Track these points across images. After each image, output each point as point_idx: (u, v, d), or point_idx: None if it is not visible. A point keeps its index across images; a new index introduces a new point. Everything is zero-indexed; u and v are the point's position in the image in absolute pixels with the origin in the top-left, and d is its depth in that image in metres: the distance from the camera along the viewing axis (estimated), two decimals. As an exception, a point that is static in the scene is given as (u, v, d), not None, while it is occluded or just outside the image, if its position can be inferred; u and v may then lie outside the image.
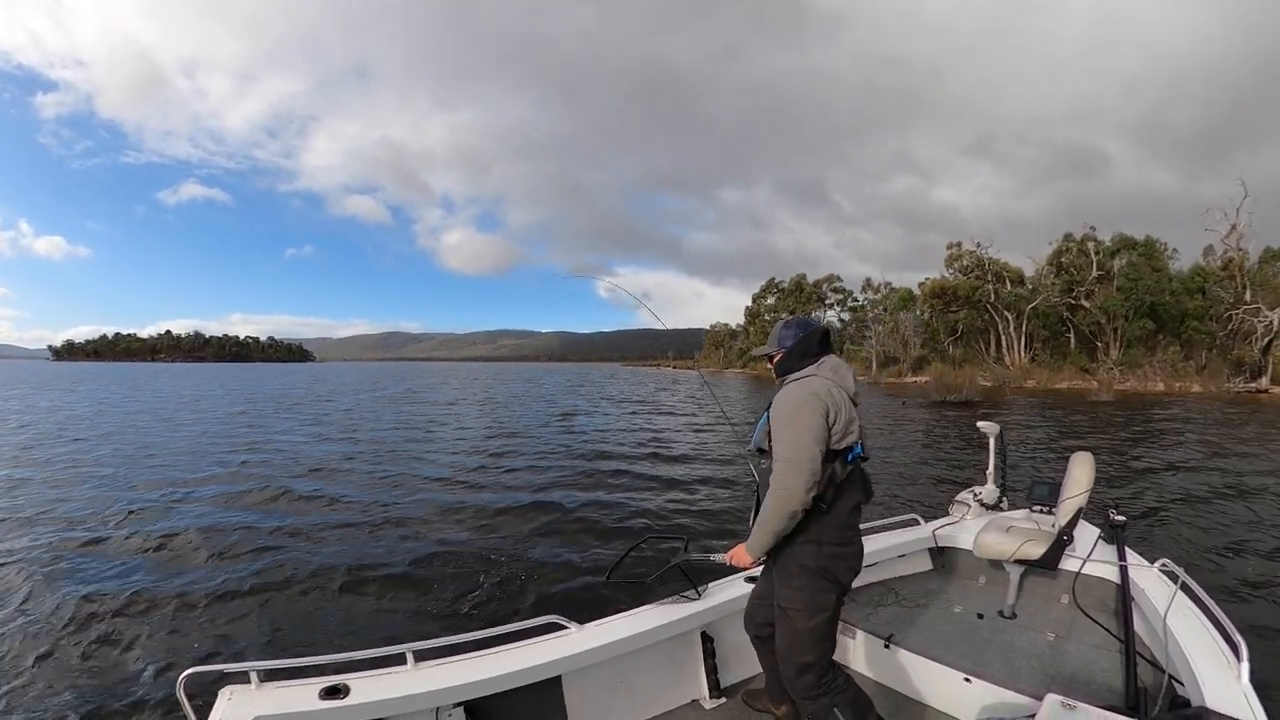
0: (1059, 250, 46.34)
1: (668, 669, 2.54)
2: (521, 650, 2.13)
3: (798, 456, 1.89)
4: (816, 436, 1.91)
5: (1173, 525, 6.72)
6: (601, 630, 2.28)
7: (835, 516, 2.00)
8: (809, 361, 2.09)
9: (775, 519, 1.94)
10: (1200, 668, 1.79)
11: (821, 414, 1.93)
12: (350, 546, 6.18)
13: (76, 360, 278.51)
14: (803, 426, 1.91)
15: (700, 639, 2.60)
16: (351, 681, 1.85)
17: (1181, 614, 2.12)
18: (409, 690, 1.85)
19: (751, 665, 2.74)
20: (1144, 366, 34.93)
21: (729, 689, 2.63)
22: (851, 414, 2.02)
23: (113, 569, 5.63)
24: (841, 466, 1.98)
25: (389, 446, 13.65)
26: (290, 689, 1.81)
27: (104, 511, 7.66)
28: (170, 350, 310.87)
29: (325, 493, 8.72)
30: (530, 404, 27.60)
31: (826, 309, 72.94)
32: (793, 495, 1.89)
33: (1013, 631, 2.70)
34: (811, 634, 2.00)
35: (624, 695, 2.40)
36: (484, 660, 2.05)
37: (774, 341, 2.21)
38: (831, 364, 2.09)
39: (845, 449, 1.99)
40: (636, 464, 11.10)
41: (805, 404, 1.94)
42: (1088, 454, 2.69)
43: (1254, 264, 37.38)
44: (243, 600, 4.84)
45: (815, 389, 1.97)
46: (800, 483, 1.88)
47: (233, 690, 1.77)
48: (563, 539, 6.43)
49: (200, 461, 11.54)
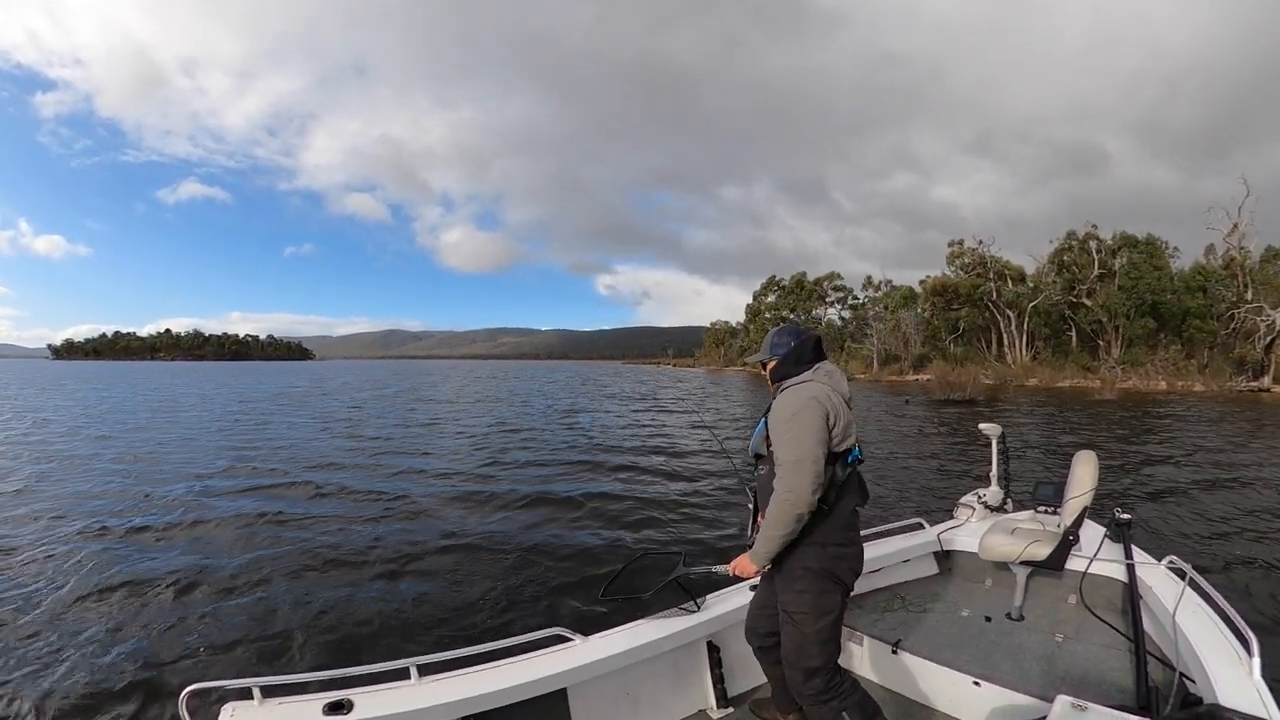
0: (1061, 248, 46.33)
1: (673, 680, 2.51)
2: (526, 663, 2.10)
3: (802, 458, 1.91)
4: (819, 438, 1.93)
5: (1180, 522, 6.72)
6: (606, 642, 2.26)
7: (837, 518, 2.02)
8: (804, 368, 2.12)
9: (782, 523, 1.94)
10: (1211, 665, 1.77)
11: (822, 417, 1.95)
12: (353, 560, 6.13)
13: (76, 359, 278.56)
14: (805, 429, 1.93)
15: (706, 649, 2.58)
16: (355, 697, 1.82)
17: (1190, 611, 2.10)
18: (413, 705, 1.82)
19: (759, 674, 2.71)
20: (1146, 365, 34.89)
21: (736, 699, 2.60)
22: (849, 417, 2.05)
23: (117, 570, 5.62)
24: (842, 469, 2.01)
25: (392, 446, 13.63)
26: (293, 705, 1.79)
27: (110, 510, 7.68)
28: (170, 349, 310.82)
29: (328, 498, 8.70)
30: (534, 401, 27.52)
31: (827, 307, 73.89)
32: (799, 497, 1.89)
33: (1020, 633, 2.67)
34: (818, 637, 2.01)
35: (630, 707, 2.37)
36: (488, 673, 2.03)
37: (767, 349, 2.24)
38: (826, 369, 2.13)
39: (844, 452, 2.02)
40: (641, 460, 11.06)
41: (806, 407, 1.96)
42: (1091, 453, 2.67)
43: (1255, 263, 37.37)
44: (244, 615, 4.80)
45: (815, 393, 2.00)
46: (806, 484, 1.89)
47: (235, 707, 1.75)
48: (568, 550, 6.38)
49: (203, 462, 11.52)
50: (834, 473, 1.99)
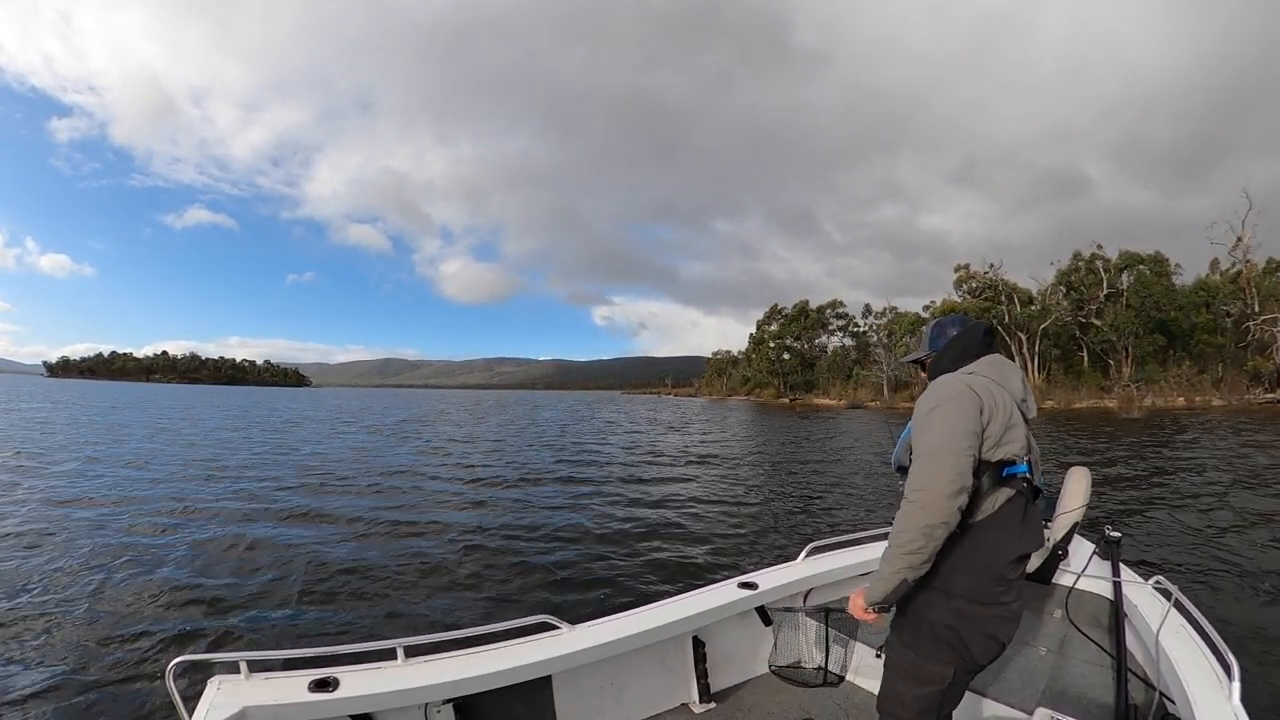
0: (1068, 269, 46.96)
1: (658, 672, 2.53)
2: (512, 649, 2.10)
3: (940, 448, 1.46)
4: (968, 429, 1.49)
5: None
6: (593, 631, 2.25)
7: (980, 554, 1.53)
8: (967, 363, 1.74)
9: (907, 537, 1.47)
10: (1192, 686, 1.75)
11: (974, 407, 1.53)
12: (345, 542, 6.33)
13: (71, 378, 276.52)
14: (952, 415, 1.51)
15: (691, 643, 2.58)
16: (341, 675, 1.83)
17: (1174, 632, 2.06)
18: (398, 685, 1.84)
19: (743, 671, 2.76)
20: (1160, 382, 34.91)
21: (719, 694, 2.62)
22: (1015, 420, 1.60)
23: (125, 556, 5.76)
24: (992, 482, 1.54)
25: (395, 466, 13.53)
26: (279, 680, 1.80)
27: (128, 512, 7.78)
28: (165, 371, 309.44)
29: (328, 495, 9.01)
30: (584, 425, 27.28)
31: (830, 335, 74.34)
32: (931, 499, 1.43)
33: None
34: (915, 702, 1.62)
35: (613, 697, 2.39)
36: (474, 658, 2.03)
37: (925, 342, 1.92)
38: (992, 362, 1.73)
39: (1000, 463, 1.55)
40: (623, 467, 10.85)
41: (957, 394, 1.56)
42: (1084, 469, 2.61)
43: (1258, 274, 37.72)
44: (235, 591, 4.91)
45: (969, 381, 1.61)
46: (943, 481, 1.42)
47: (221, 680, 1.76)
48: (556, 541, 6.59)
49: (208, 472, 11.68)
50: (980, 486, 1.52)
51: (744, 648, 2.78)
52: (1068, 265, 47.15)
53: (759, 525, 7.50)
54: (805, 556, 2.88)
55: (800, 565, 2.84)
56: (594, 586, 5.17)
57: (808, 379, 67.49)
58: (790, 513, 8.31)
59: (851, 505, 8.89)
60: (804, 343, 69.72)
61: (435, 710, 1.97)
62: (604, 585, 5.19)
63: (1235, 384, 31.65)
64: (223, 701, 1.66)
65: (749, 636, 2.78)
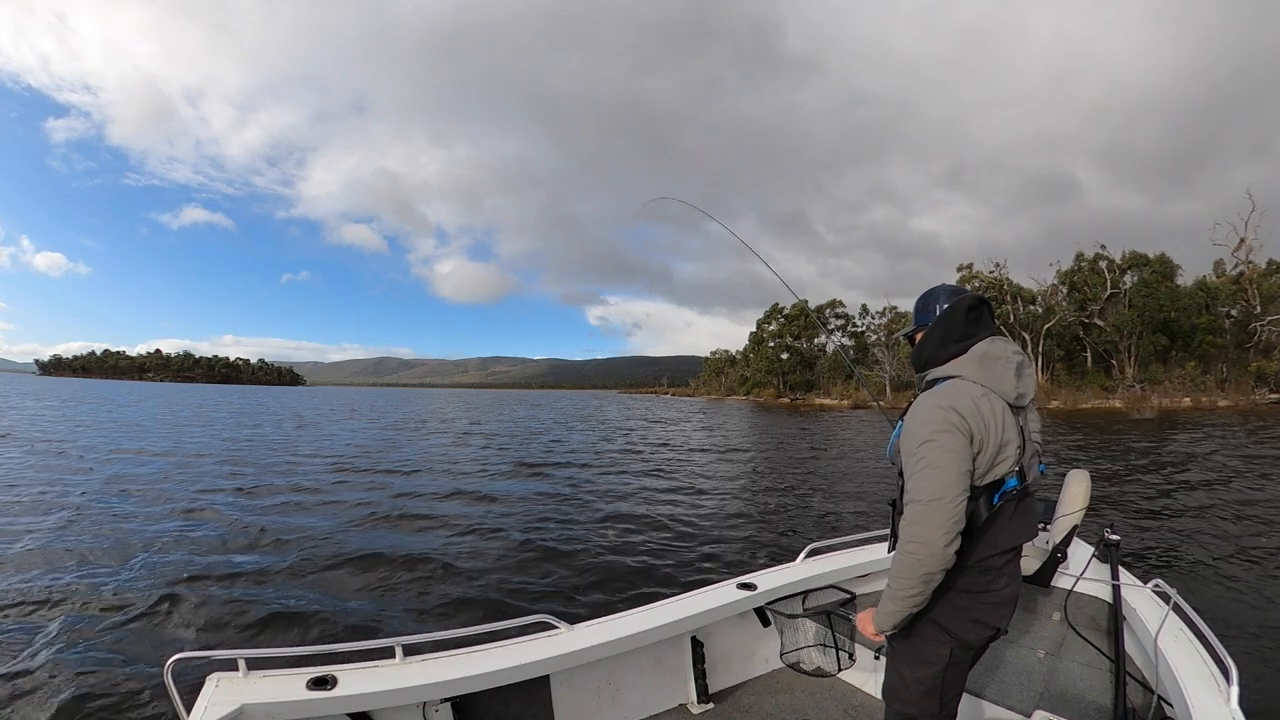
0: (1070, 270, 47.02)
1: (656, 673, 2.52)
2: (510, 648, 2.10)
3: (935, 499, 1.45)
4: (958, 473, 1.46)
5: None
6: (591, 631, 2.25)
7: (970, 554, 1.56)
8: (952, 350, 1.60)
9: (906, 584, 1.51)
10: (1190, 690, 1.75)
11: (964, 443, 1.47)
12: (345, 540, 6.32)
13: (63, 376, 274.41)
14: (940, 455, 1.46)
15: (690, 644, 2.57)
16: (339, 673, 1.83)
17: (1173, 635, 2.06)
18: (396, 684, 1.84)
19: (741, 671, 2.74)
20: (1164, 383, 34.96)
21: (717, 695, 2.61)
22: (1006, 435, 1.52)
23: (126, 553, 5.72)
24: (987, 506, 1.54)
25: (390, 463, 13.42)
26: (277, 678, 1.80)
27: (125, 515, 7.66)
28: (159, 369, 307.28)
29: (328, 493, 9.00)
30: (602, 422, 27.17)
31: (830, 334, 72.76)
32: (929, 552, 1.45)
33: (1003, 648, 2.61)
34: (917, 684, 1.66)
35: (611, 697, 2.39)
36: (472, 657, 2.03)
37: (914, 315, 1.79)
38: (983, 355, 1.57)
39: (993, 484, 1.53)
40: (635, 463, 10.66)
41: (945, 427, 1.47)
42: (1084, 472, 2.62)
43: (1259, 276, 37.93)
44: (231, 589, 4.88)
45: (957, 404, 1.50)
46: (938, 534, 1.44)
47: (220, 677, 1.76)
48: (555, 540, 6.55)
49: (209, 467, 11.66)
50: (975, 510, 1.52)
51: (743, 649, 2.78)
52: (1070, 266, 47.28)
53: (759, 525, 7.43)
54: (804, 557, 2.86)
55: (800, 566, 2.82)
56: (593, 586, 5.14)
57: (807, 379, 67.42)
58: (790, 513, 8.22)
59: (852, 503, 8.84)
60: (805, 342, 69.70)
61: (433, 709, 1.96)
62: (603, 585, 5.18)
63: (1240, 385, 31.72)
64: (221, 699, 1.66)
65: (748, 637, 2.77)
